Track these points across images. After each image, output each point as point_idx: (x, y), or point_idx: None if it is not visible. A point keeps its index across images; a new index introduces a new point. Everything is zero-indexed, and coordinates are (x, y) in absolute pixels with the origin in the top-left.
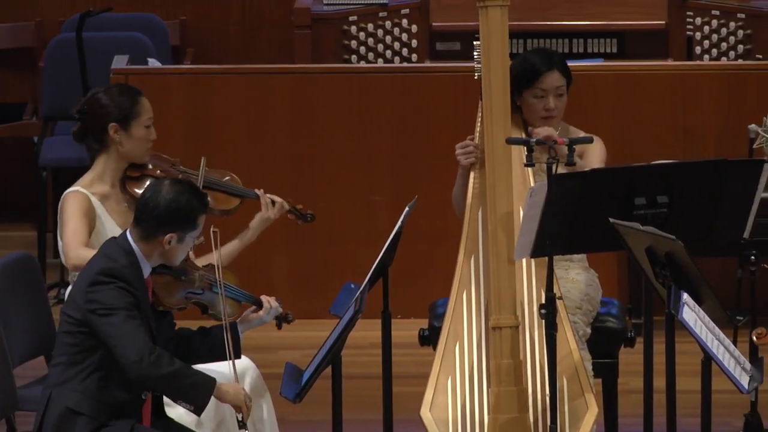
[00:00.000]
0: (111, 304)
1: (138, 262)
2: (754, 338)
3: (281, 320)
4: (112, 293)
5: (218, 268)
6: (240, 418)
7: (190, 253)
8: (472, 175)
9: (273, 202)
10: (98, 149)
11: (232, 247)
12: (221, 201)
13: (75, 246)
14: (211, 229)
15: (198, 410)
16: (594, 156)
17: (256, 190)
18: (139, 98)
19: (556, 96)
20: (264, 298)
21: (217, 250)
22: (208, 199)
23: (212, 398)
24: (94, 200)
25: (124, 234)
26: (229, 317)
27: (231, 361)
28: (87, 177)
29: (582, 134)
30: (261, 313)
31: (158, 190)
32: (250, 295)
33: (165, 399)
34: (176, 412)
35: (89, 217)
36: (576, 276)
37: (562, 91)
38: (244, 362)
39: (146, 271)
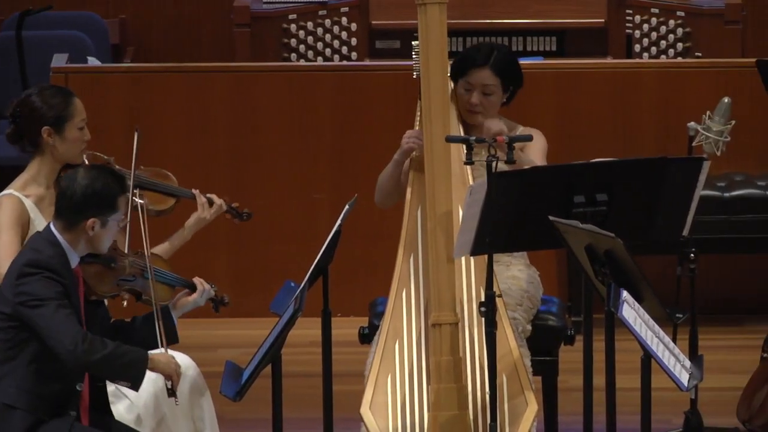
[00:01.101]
0: (40, 295)
1: (64, 252)
2: None
3: (217, 303)
4: (39, 284)
5: (146, 248)
6: (170, 386)
7: (123, 242)
8: (411, 174)
9: (211, 203)
10: (33, 151)
11: (165, 247)
12: (156, 201)
13: (6, 260)
14: (138, 200)
15: (135, 386)
16: (535, 152)
17: (193, 190)
18: (71, 100)
19: (483, 93)
20: (197, 280)
21: (145, 234)
22: (144, 200)
23: (153, 396)
24: (28, 203)
25: (48, 226)
26: (163, 302)
27: (164, 347)
28: (21, 179)
29: (521, 129)
30: (195, 296)
31: (74, 179)
32: (183, 278)
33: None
34: (116, 410)
35: (22, 223)
36: (517, 273)
37: (489, 90)
38: (184, 360)
39: (74, 261)
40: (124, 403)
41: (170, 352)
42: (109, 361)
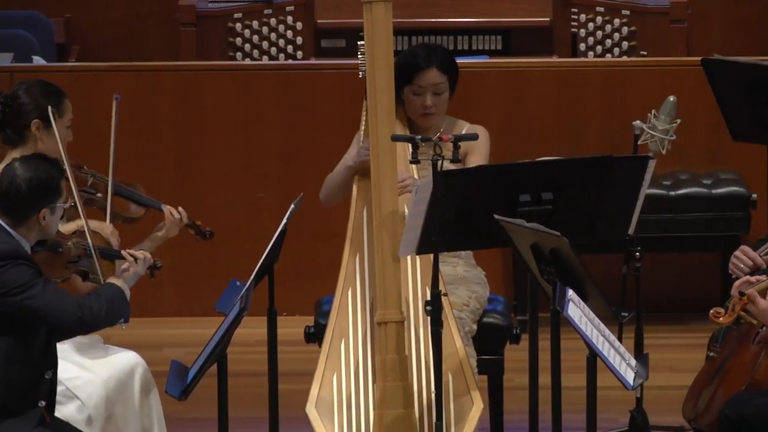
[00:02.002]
0: (21, 281)
1: (20, 244)
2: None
3: (152, 269)
4: (15, 271)
5: (86, 227)
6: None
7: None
8: (357, 173)
9: (178, 215)
10: (15, 141)
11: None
12: (127, 209)
13: None
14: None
15: (128, 317)
16: (478, 153)
17: (163, 206)
18: (64, 99)
19: (435, 93)
20: (131, 252)
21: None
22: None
23: (103, 398)
24: None
25: None
26: (108, 277)
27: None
28: None
29: (467, 126)
30: (138, 266)
31: (13, 175)
32: (120, 251)
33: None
34: (67, 410)
35: None
36: (464, 273)
37: (440, 89)
38: (133, 358)
39: (28, 251)
40: (74, 403)
41: (117, 351)
42: (108, 311)
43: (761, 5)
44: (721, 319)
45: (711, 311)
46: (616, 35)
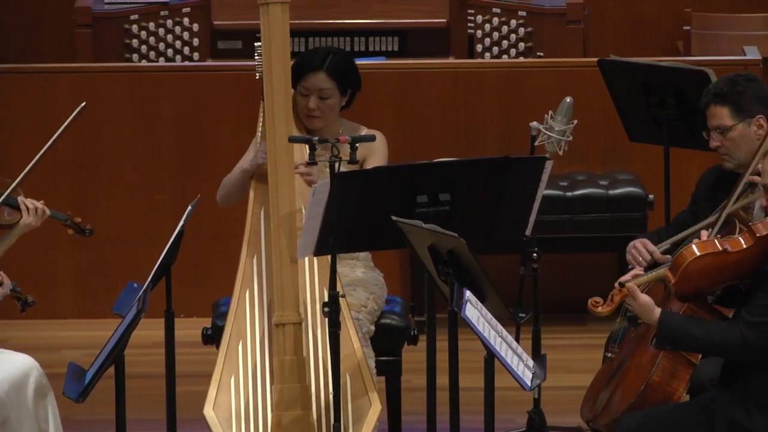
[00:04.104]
0: None
1: None
2: (591, 305)
3: (24, 304)
4: None
5: None
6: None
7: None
8: (254, 175)
9: (36, 209)
10: None
11: None
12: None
13: None
14: None
15: None
16: (376, 158)
17: (19, 198)
18: None
19: (320, 97)
20: None
21: None
22: None
23: None
24: None
25: None
26: None
27: None
28: None
29: (365, 130)
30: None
31: None
32: None
33: None
34: None
35: None
36: (361, 274)
37: (326, 94)
38: (27, 361)
39: None
40: None
41: (10, 354)
42: None
43: (656, 6)
44: (599, 308)
45: (589, 300)
46: (513, 36)
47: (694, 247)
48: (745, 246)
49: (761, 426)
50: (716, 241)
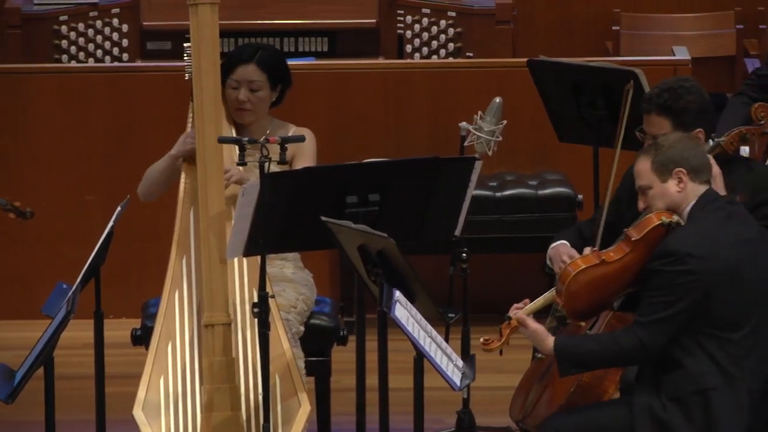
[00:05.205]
0: None
1: None
2: (483, 345)
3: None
4: None
5: None
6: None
7: None
8: (183, 174)
9: None
10: None
11: None
12: None
13: None
14: None
15: None
16: (304, 156)
17: None
18: None
19: (250, 90)
20: None
21: None
22: None
23: None
24: None
25: None
26: None
27: None
28: None
29: (293, 129)
30: None
31: None
32: None
33: None
34: None
35: None
36: (291, 275)
37: (257, 86)
38: None
39: None
40: None
41: None
42: None
43: (585, 6)
44: (492, 345)
45: (481, 340)
46: (443, 37)
47: (569, 267)
48: (624, 252)
49: (676, 417)
50: (592, 254)
